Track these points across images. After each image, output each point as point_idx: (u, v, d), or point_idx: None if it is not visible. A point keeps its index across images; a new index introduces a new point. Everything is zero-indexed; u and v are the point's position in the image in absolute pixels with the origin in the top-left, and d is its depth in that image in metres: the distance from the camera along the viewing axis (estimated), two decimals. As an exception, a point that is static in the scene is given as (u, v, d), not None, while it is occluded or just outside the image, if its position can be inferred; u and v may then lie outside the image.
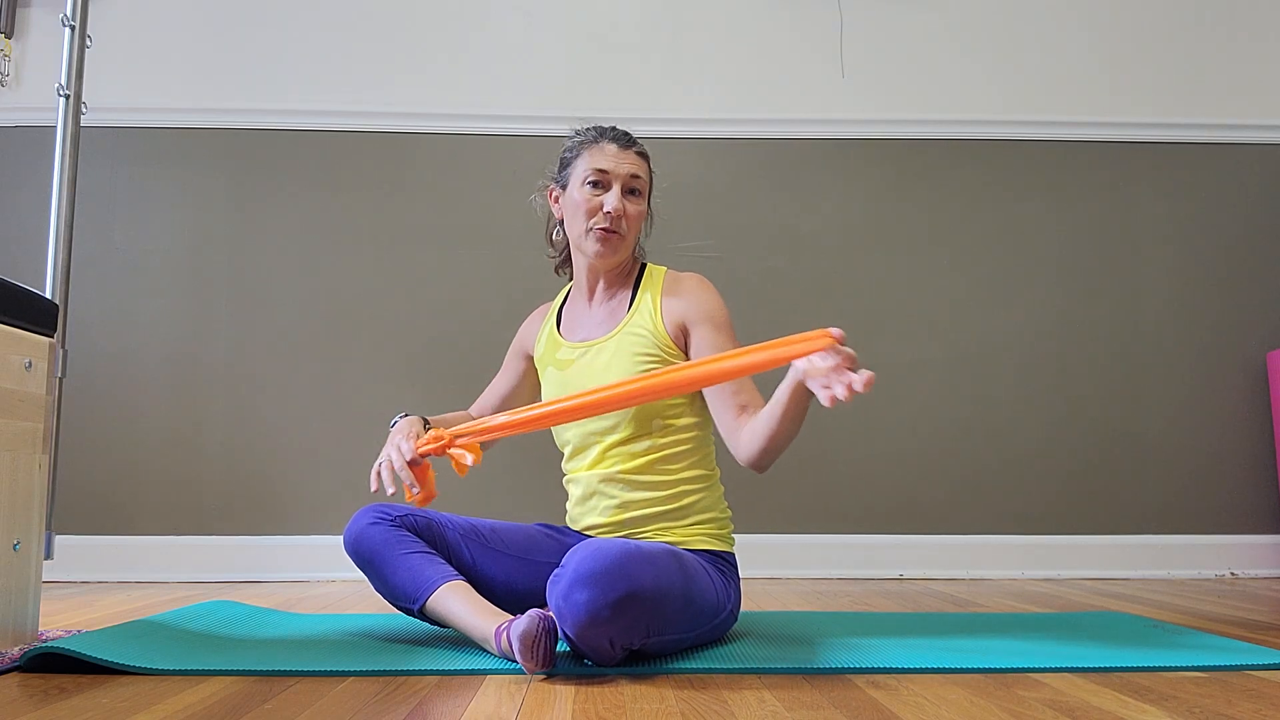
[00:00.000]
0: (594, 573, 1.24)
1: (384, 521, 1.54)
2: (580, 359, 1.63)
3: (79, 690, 1.19)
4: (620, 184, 1.59)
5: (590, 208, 1.59)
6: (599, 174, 1.59)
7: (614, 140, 1.62)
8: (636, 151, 1.63)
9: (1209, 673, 1.31)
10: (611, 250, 1.60)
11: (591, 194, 1.59)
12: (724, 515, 1.62)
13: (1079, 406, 2.87)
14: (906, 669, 1.32)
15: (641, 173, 1.62)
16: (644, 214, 1.65)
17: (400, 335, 2.84)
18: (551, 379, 1.68)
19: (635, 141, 1.65)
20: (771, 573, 2.74)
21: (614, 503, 1.57)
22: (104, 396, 2.77)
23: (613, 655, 1.30)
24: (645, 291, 1.63)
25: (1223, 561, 2.80)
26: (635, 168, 1.61)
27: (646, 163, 1.65)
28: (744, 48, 3.00)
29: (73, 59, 1.86)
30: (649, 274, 1.66)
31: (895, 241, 2.93)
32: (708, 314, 1.58)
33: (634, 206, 1.61)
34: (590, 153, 1.61)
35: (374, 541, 1.52)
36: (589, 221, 1.59)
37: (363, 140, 2.91)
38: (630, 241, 1.63)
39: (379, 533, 1.52)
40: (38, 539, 1.52)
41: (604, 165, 1.59)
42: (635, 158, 1.62)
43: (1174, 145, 2.99)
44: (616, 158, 1.60)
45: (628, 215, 1.60)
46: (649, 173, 1.66)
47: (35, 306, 1.55)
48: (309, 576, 2.70)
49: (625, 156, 1.61)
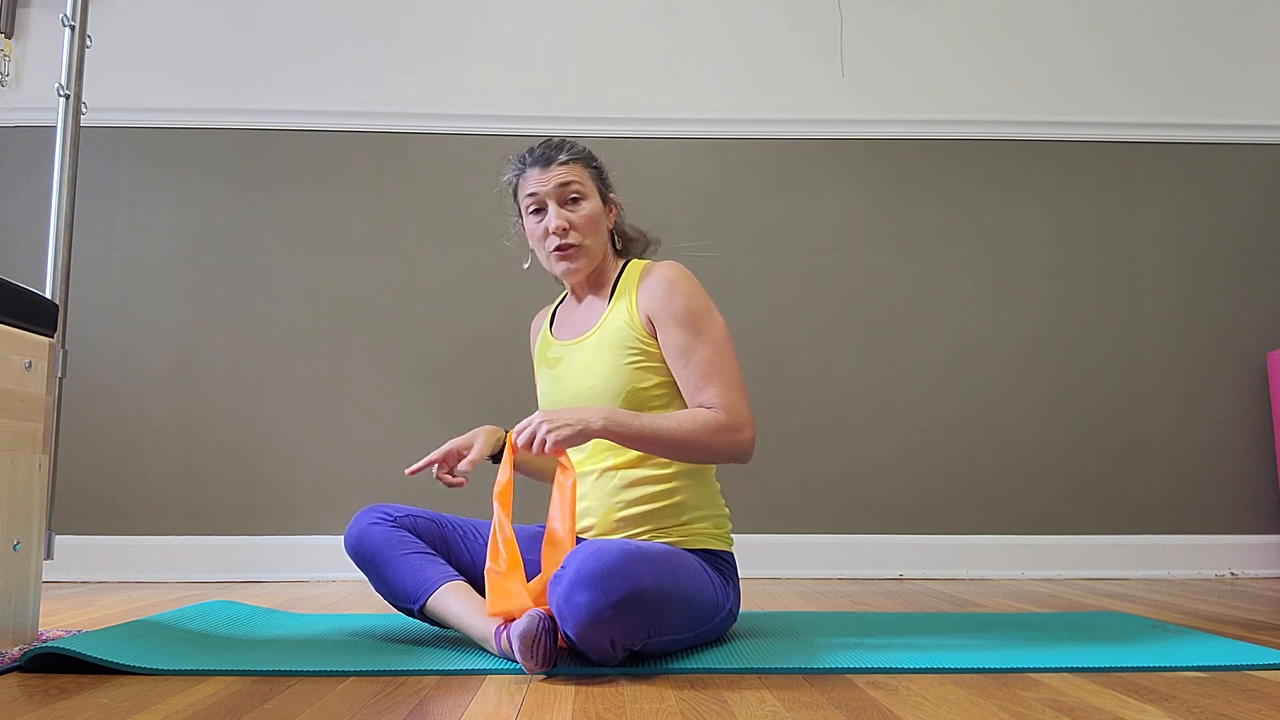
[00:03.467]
0: (595, 574, 1.24)
1: (384, 522, 1.55)
2: (567, 357, 1.64)
3: (79, 690, 1.19)
4: (555, 199, 1.59)
5: (539, 234, 1.61)
6: (531, 199, 1.61)
7: (535, 163, 1.61)
8: (560, 162, 1.60)
9: (1209, 673, 1.31)
10: (576, 263, 1.60)
11: (536, 221, 1.61)
12: (720, 514, 1.62)
13: (1079, 406, 2.87)
14: (906, 669, 1.32)
15: (574, 177, 1.60)
16: (595, 213, 1.61)
17: (400, 335, 2.84)
18: (544, 378, 1.69)
19: (560, 150, 1.62)
20: (771, 573, 2.74)
21: (609, 502, 1.57)
22: (104, 396, 2.77)
23: (614, 656, 1.30)
24: (625, 284, 1.63)
25: (1223, 561, 2.80)
26: (562, 177, 1.59)
27: (579, 164, 1.62)
28: (744, 48, 3.00)
29: (73, 59, 1.86)
30: (630, 268, 1.66)
31: (895, 241, 2.93)
32: (672, 309, 1.54)
33: (577, 212, 1.59)
34: (522, 182, 1.63)
35: (374, 542, 1.53)
36: (544, 245, 1.61)
37: (363, 140, 2.91)
38: (593, 245, 1.61)
39: (379, 533, 1.54)
40: (38, 539, 1.52)
41: (532, 189, 1.60)
42: (560, 169, 1.60)
43: (1174, 145, 2.99)
44: (540, 179, 1.59)
45: (574, 224, 1.59)
46: (587, 171, 1.63)
47: (35, 306, 1.55)
48: (309, 576, 2.70)
49: (549, 174, 1.59)
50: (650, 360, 1.56)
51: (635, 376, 1.55)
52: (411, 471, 1.54)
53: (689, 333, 1.53)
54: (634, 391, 1.54)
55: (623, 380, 1.54)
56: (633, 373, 1.55)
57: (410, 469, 1.54)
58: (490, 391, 2.79)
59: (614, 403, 1.54)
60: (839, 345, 2.88)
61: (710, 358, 1.52)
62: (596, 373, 1.56)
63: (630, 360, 1.55)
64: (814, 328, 2.89)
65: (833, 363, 2.87)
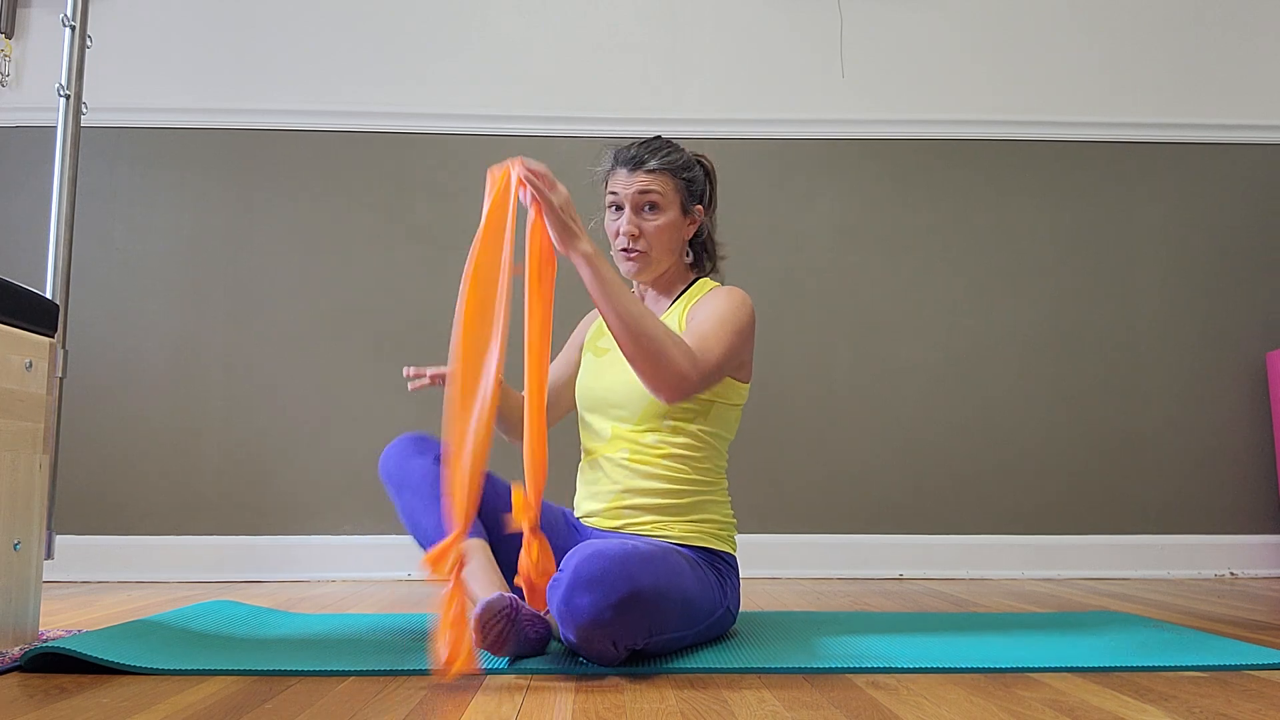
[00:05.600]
0: (594, 575, 1.25)
1: (425, 455, 1.56)
2: (614, 350, 1.67)
3: (79, 690, 1.19)
4: (630, 205, 1.62)
5: (612, 232, 1.66)
6: (613, 197, 1.65)
7: (623, 164, 1.65)
8: (647, 169, 1.63)
9: (1208, 672, 1.31)
10: (638, 268, 1.64)
11: (612, 218, 1.66)
12: (725, 518, 1.63)
13: (1079, 406, 2.87)
14: (906, 669, 1.32)
15: (656, 186, 1.62)
16: (667, 227, 1.63)
17: (400, 335, 2.84)
18: (588, 363, 1.73)
19: (654, 156, 1.64)
20: (771, 573, 2.74)
21: (616, 488, 1.59)
22: (104, 396, 2.77)
23: (616, 656, 1.31)
24: (685, 299, 1.68)
25: (1222, 561, 2.80)
26: (644, 185, 1.62)
27: (667, 175, 1.64)
28: (743, 48, 3.00)
29: (73, 59, 1.86)
30: (699, 285, 1.70)
31: (894, 241, 2.93)
32: (714, 308, 1.59)
33: (651, 222, 1.63)
34: (609, 179, 1.67)
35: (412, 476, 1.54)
36: (614, 244, 1.66)
37: (363, 140, 2.91)
38: (659, 256, 1.64)
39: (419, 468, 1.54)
40: (38, 539, 1.52)
41: (615, 189, 1.65)
42: (645, 176, 1.62)
43: (1173, 145, 2.99)
44: (624, 181, 1.63)
45: (645, 232, 1.62)
46: (672, 184, 1.64)
47: (35, 306, 1.55)
48: (309, 576, 2.70)
49: (633, 179, 1.63)
50: None
51: None
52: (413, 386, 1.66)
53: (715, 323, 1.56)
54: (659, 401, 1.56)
55: None
56: None
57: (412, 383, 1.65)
58: (490, 391, 2.79)
59: (644, 403, 1.57)
60: (838, 345, 2.88)
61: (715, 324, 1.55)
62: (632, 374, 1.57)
63: None
64: (813, 327, 2.89)
65: (832, 362, 2.87)
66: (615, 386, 1.63)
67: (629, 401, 1.60)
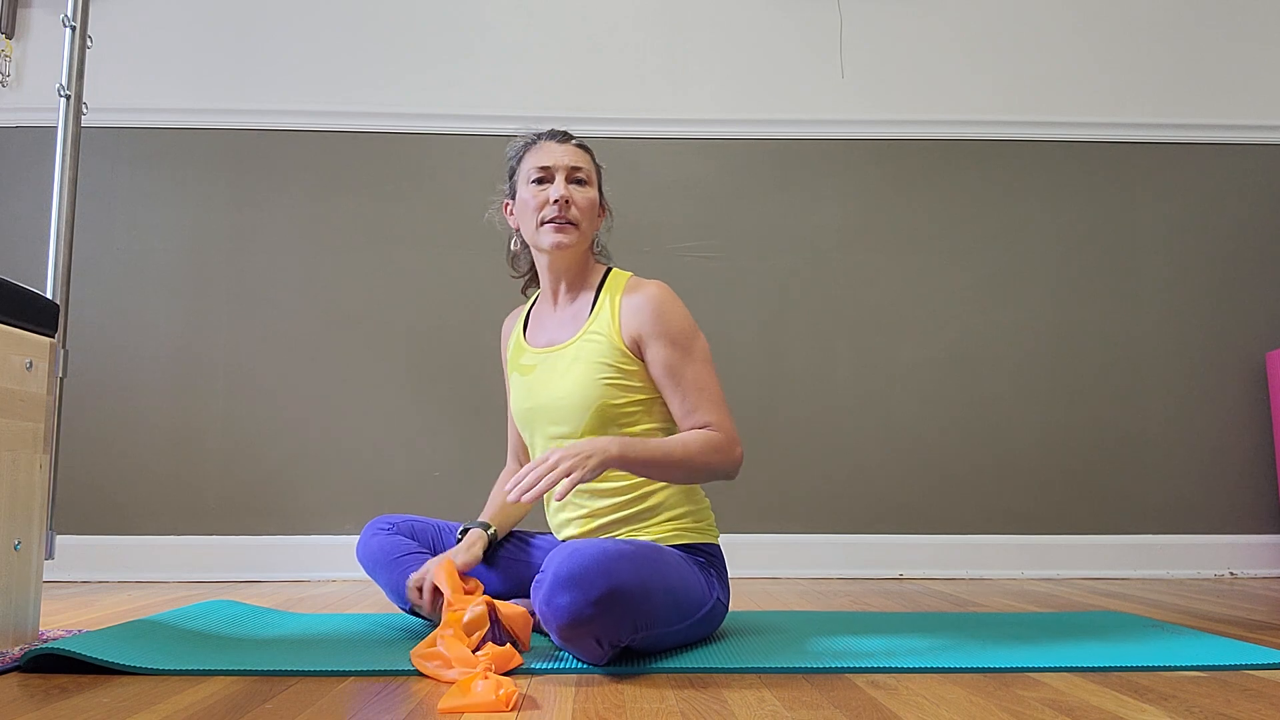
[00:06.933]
0: (573, 574, 1.25)
1: (384, 531, 1.70)
2: (542, 364, 1.63)
3: (79, 690, 1.19)
4: (563, 175, 1.61)
5: (538, 202, 1.60)
6: (541, 170, 1.61)
7: (551, 138, 1.65)
8: (575, 144, 1.66)
9: (1208, 672, 1.31)
10: (569, 239, 1.59)
11: (538, 190, 1.61)
12: (699, 508, 1.61)
13: (1079, 406, 2.87)
14: (906, 669, 1.32)
15: (584, 164, 1.64)
16: (594, 202, 1.64)
17: (400, 335, 2.84)
18: (517, 385, 1.67)
19: (573, 136, 1.68)
20: (771, 573, 2.74)
21: (582, 512, 1.59)
22: (104, 396, 2.77)
23: (602, 654, 1.31)
24: (606, 296, 1.61)
25: (1222, 561, 2.80)
26: (576, 159, 1.63)
27: (589, 154, 1.67)
28: (744, 48, 3.00)
29: (73, 59, 1.86)
30: (612, 278, 1.65)
31: (895, 242, 2.93)
32: (663, 329, 1.55)
33: (582, 194, 1.61)
34: (531, 154, 1.64)
35: (374, 550, 1.68)
36: (539, 215, 1.60)
37: (363, 140, 2.91)
38: (585, 231, 1.61)
39: (378, 542, 1.68)
40: (38, 538, 1.52)
41: (545, 161, 1.61)
42: (575, 150, 1.64)
43: (1173, 145, 2.99)
44: (555, 152, 1.62)
45: (576, 202, 1.60)
46: (594, 164, 1.67)
47: (35, 306, 1.55)
48: (309, 576, 2.70)
49: (565, 150, 1.63)
50: (626, 379, 1.56)
51: (609, 393, 1.54)
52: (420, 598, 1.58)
53: (679, 353, 1.54)
54: (605, 406, 1.54)
55: (596, 395, 1.54)
56: (606, 388, 1.54)
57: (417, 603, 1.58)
58: (490, 392, 2.79)
59: (584, 414, 1.54)
60: (839, 345, 2.88)
61: (699, 377, 1.54)
62: (571, 385, 1.56)
63: (605, 376, 1.55)
64: (814, 327, 2.89)
65: (833, 362, 2.87)
66: (547, 403, 1.58)
67: (568, 415, 1.56)
